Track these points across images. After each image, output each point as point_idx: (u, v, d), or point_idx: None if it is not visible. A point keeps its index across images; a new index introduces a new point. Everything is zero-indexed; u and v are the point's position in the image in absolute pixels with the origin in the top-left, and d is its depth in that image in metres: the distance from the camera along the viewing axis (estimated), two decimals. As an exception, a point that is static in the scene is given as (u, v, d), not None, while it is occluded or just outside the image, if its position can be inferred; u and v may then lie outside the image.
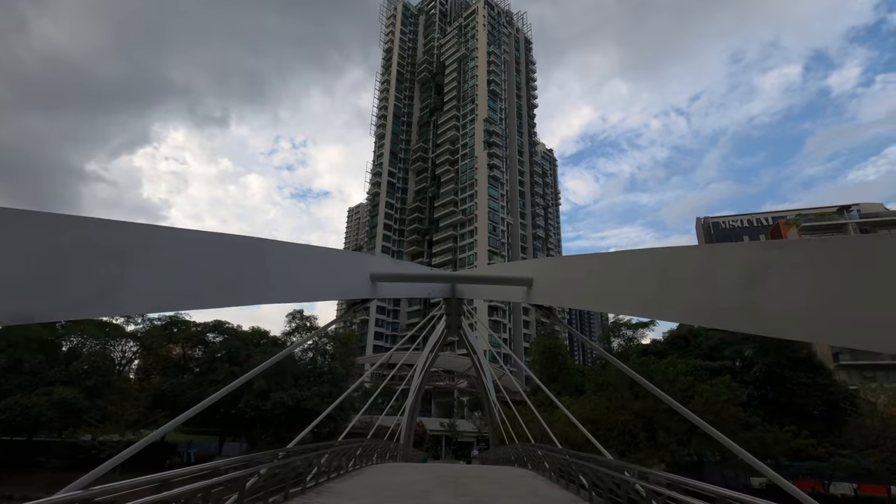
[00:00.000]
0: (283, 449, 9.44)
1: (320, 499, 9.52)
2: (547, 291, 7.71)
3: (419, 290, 10.87)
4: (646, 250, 5.20)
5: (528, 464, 20.60)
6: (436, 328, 30.51)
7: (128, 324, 43.87)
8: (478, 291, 11.78)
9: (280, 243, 5.95)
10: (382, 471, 16.61)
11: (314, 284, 6.66)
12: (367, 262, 8.65)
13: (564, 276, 7.31)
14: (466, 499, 10.01)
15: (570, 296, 7.01)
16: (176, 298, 4.96)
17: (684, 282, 4.38)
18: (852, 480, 32.71)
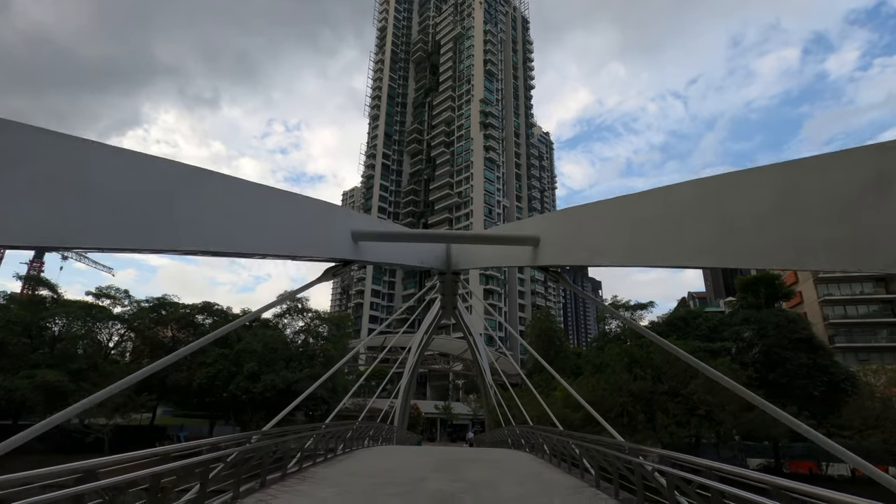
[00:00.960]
0: (258, 431, 8.51)
1: (301, 486, 8.61)
2: (557, 250, 6.73)
3: (409, 255, 9.83)
4: (693, 182, 4.20)
5: (525, 446, 19.90)
6: (431, 309, 29.60)
7: (114, 306, 42.78)
8: (476, 257, 10.77)
9: (235, 179, 4.93)
10: (374, 454, 15.79)
11: (282, 237, 5.63)
12: (350, 218, 7.59)
13: (579, 229, 6.32)
14: (463, 485, 9.15)
15: (587, 251, 6.02)
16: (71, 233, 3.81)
17: (754, 215, 3.39)
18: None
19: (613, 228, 5.46)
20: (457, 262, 11.93)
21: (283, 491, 8.00)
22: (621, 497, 8.24)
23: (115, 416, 34.37)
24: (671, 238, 4.43)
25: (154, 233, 4.01)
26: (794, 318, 35.73)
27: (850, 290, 66.98)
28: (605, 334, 41.72)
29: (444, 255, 12.11)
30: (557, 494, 8.46)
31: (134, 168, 3.94)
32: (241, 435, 7.79)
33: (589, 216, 6.16)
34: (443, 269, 11.99)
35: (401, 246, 9.54)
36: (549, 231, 7.12)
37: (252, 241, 5.05)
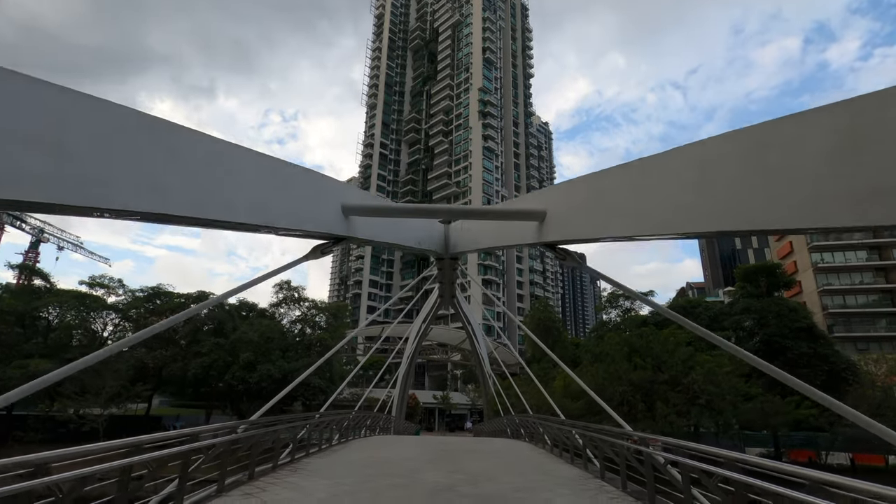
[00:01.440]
0: (245, 421, 8.06)
1: (292, 478, 8.18)
2: (566, 224, 6.20)
3: (406, 235, 9.26)
4: (728, 135, 3.68)
5: (525, 436, 19.56)
6: (429, 298, 29.16)
7: (108, 295, 42.22)
8: (476, 238, 10.21)
9: (202, 134, 4.38)
10: (370, 445, 15.40)
11: (259, 205, 5.04)
12: (340, 191, 7.01)
13: (591, 199, 5.77)
14: (461, 477, 8.73)
15: (600, 223, 5.46)
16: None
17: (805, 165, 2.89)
18: (847, 450, 32.39)
19: (632, 195, 4.93)
20: (455, 245, 11.37)
21: (272, 483, 7.57)
22: (629, 489, 7.83)
23: (110, 406, 33.95)
24: (706, 202, 3.92)
25: (104, 189, 3.46)
26: (794, 308, 35.42)
27: (849, 279, 66.82)
28: (604, 324, 41.40)
29: (441, 238, 11.56)
30: (561, 486, 8.04)
31: (81, 111, 3.41)
32: (227, 424, 7.33)
33: (602, 184, 5.60)
34: (441, 252, 11.46)
35: (396, 225, 9.00)
36: (556, 204, 6.57)
37: (221, 207, 4.47)
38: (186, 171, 4.13)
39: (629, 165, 5.17)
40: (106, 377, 34.19)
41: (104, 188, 3.41)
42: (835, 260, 68.08)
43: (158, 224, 4.21)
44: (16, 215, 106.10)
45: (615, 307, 42.10)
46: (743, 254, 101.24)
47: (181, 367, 35.57)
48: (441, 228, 11.75)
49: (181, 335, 39.12)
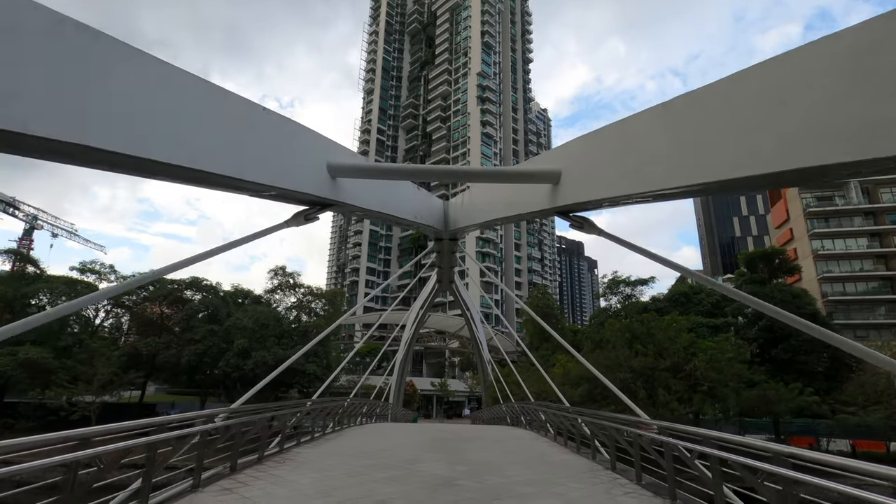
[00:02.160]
0: (225, 409, 7.38)
1: (279, 470, 7.54)
2: (585, 183, 5.44)
3: (402, 206, 8.43)
4: (763, 65, 2.97)
5: (525, 423, 19.04)
6: (427, 283, 28.51)
7: (100, 281, 41.42)
8: (478, 211, 9.36)
9: (157, 60, 3.61)
10: (366, 433, 14.81)
11: (219, 149, 4.31)
12: (325, 148, 6.16)
13: (616, 150, 4.97)
14: (462, 469, 8.10)
15: (630, 176, 4.64)
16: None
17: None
18: (848, 437, 32.15)
19: (671, 139, 4.17)
20: (455, 221, 10.59)
21: (256, 477, 6.92)
22: (644, 481, 7.22)
23: (102, 393, 33.38)
24: (746, 139, 3.24)
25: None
26: (798, 294, 34.92)
27: (849, 266, 66.50)
28: (604, 310, 40.89)
29: (441, 214, 10.78)
30: (571, 479, 7.42)
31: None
32: (203, 413, 6.65)
33: (631, 130, 4.79)
34: (439, 229, 10.69)
35: (392, 194, 8.19)
36: (573, 161, 5.79)
37: (166, 146, 3.67)
38: (115, 95, 3.34)
39: (656, 109, 4.36)
40: (97, 365, 33.59)
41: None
42: (835, 247, 67.66)
43: (76, 164, 3.38)
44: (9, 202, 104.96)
45: (616, 294, 41.58)
46: (742, 241, 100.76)
47: (175, 354, 34.94)
48: (440, 204, 11.00)
49: (174, 322, 38.46)
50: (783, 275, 40.00)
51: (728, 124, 3.61)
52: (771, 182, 3.51)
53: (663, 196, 4.50)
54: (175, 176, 4.02)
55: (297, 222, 5.97)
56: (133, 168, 3.77)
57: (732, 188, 3.96)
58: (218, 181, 4.34)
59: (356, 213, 7.68)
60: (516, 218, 7.87)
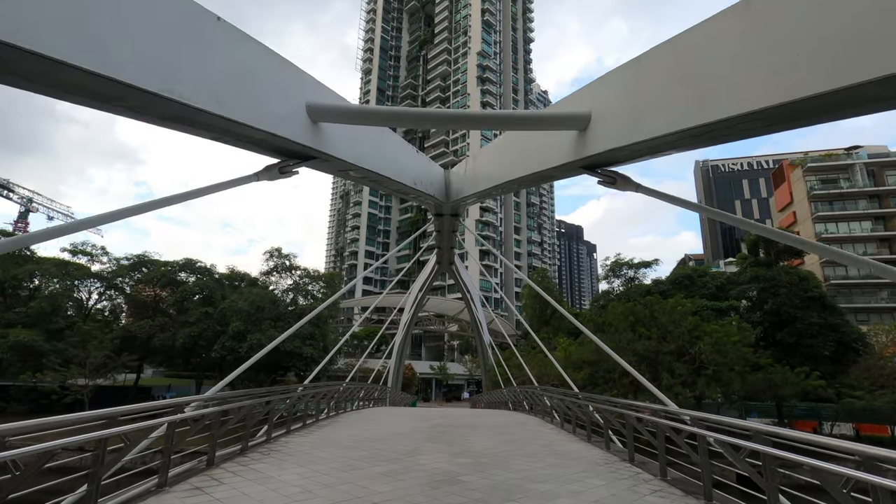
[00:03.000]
0: (200, 397, 6.59)
1: (261, 464, 6.78)
2: (623, 126, 4.48)
3: (398, 168, 7.43)
4: None
5: (527, 408, 18.41)
6: (426, 265, 27.70)
7: (92, 263, 40.55)
8: (484, 175, 8.34)
9: None
10: (363, 419, 14.11)
11: (166, 64, 3.43)
12: (304, 84, 5.07)
13: (668, 77, 4.05)
14: (466, 461, 7.36)
15: (688, 107, 3.72)
16: None
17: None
18: (851, 421, 31.78)
19: (740, 52, 3.22)
20: (459, 190, 9.62)
21: (234, 472, 6.15)
22: (670, 476, 6.48)
23: (95, 376, 32.76)
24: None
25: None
26: (805, 277, 34.17)
27: (853, 250, 65.91)
28: (606, 293, 40.19)
29: (442, 183, 9.82)
30: (587, 473, 6.67)
31: None
32: (172, 402, 5.84)
33: (689, 46, 3.82)
34: (440, 200, 9.77)
35: (387, 152, 7.27)
36: (606, 100, 4.81)
37: (82, 48, 2.79)
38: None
39: (744, 4, 3.41)
40: (90, 348, 32.91)
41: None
42: (839, 231, 67.08)
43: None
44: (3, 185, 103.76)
45: (618, 276, 40.83)
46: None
47: (169, 336, 34.26)
48: (441, 174, 10.09)
49: (169, 304, 37.70)
50: (789, 257, 39.22)
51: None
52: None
53: (728, 134, 3.58)
54: (86, 88, 3.06)
55: (270, 176, 5.06)
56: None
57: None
58: (156, 106, 3.42)
59: (345, 173, 6.72)
60: (531, 180, 6.89)
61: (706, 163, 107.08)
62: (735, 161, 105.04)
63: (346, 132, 5.79)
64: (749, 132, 3.68)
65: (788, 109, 3.09)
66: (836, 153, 72.40)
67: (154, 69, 3.25)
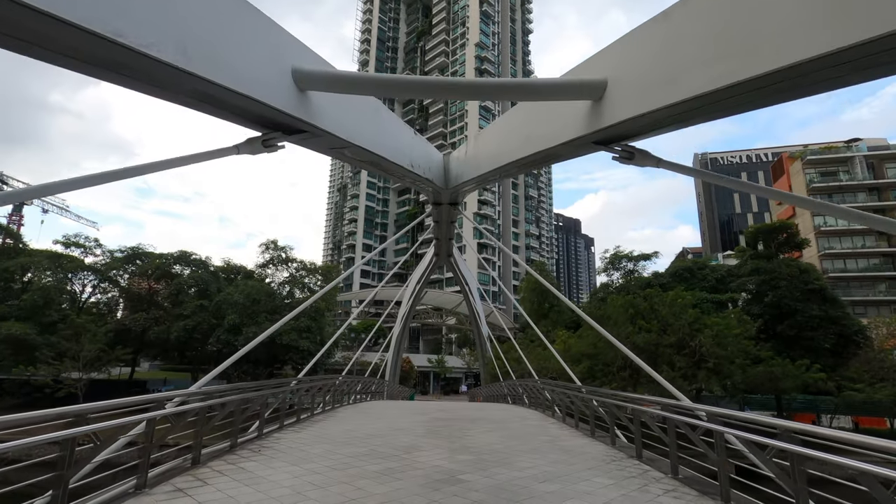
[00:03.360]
0: (182, 392, 6.21)
1: (250, 462, 6.42)
2: (645, 91, 4.04)
3: (394, 145, 6.87)
4: None
5: (528, 402, 18.12)
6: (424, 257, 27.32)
7: (85, 255, 40.01)
8: (489, 153, 7.88)
9: None
10: (359, 413, 13.77)
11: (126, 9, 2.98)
12: (291, 48, 4.75)
13: (701, 29, 3.61)
14: (466, 458, 7.02)
15: (733, 57, 3.39)
16: None
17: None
18: (851, 414, 31.71)
19: None
20: (459, 175, 9.15)
21: (220, 472, 5.79)
22: (681, 475, 6.15)
23: (89, 370, 32.37)
24: None
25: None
26: (806, 269, 33.93)
27: (851, 243, 65.89)
28: (606, 286, 39.92)
29: (440, 168, 9.36)
30: (594, 471, 6.34)
31: None
32: (151, 398, 5.46)
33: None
34: (439, 187, 9.35)
35: (385, 130, 6.83)
36: (625, 64, 4.34)
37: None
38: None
39: None
40: (84, 341, 32.48)
41: None
42: (837, 224, 66.93)
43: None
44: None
45: (617, 269, 40.52)
46: (742, 218, 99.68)
47: (164, 329, 33.85)
48: (440, 159, 9.66)
49: (164, 297, 37.26)
50: (790, 250, 38.98)
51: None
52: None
53: (775, 85, 3.09)
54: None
55: (252, 149, 4.63)
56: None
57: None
58: (101, 53, 2.93)
59: (339, 152, 6.25)
60: (538, 159, 6.38)
61: (705, 155, 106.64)
62: (734, 154, 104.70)
63: (338, 105, 5.34)
64: (817, 85, 3.20)
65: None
66: (835, 146, 72.11)
67: (98, 4, 2.78)
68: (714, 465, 5.23)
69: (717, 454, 5.11)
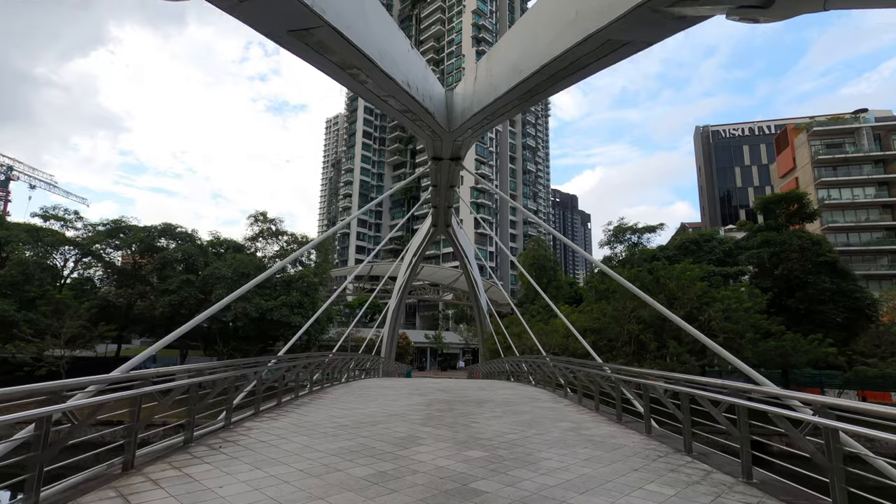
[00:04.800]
0: (97, 379, 4.73)
1: (205, 463, 5.02)
2: None
3: (385, 52, 5.32)
4: None
5: (532, 380, 16.91)
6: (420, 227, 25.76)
7: (66, 228, 38.16)
8: (518, 58, 6.26)
9: None
10: (351, 393, 12.43)
11: None
12: None
13: None
14: (477, 454, 5.63)
15: None
16: None
17: None
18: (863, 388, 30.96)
19: None
20: (466, 109, 7.42)
21: (156, 482, 4.35)
22: (757, 478, 4.79)
23: (72, 347, 30.98)
24: None
25: None
26: (818, 241, 32.62)
27: (855, 217, 64.89)
28: (609, 259, 38.57)
29: (442, 103, 7.71)
30: (644, 474, 4.97)
31: None
32: (84, 380, 3.99)
33: None
34: (440, 127, 7.73)
35: (374, 27, 5.26)
36: None
37: None
38: None
39: None
40: (65, 318, 30.98)
41: None
42: (842, 197, 65.73)
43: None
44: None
45: (621, 241, 39.12)
46: (743, 192, 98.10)
47: (149, 305, 32.38)
48: (441, 92, 8.02)
49: (149, 272, 35.63)
50: (800, 221, 37.62)
51: None
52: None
53: None
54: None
55: None
56: None
57: None
58: None
59: (300, 34, 4.59)
60: (583, 56, 4.67)
61: (707, 128, 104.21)
62: (736, 126, 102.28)
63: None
64: None
65: None
66: (842, 117, 70.22)
67: None
68: (826, 472, 3.83)
69: (833, 461, 3.71)
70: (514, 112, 7.15)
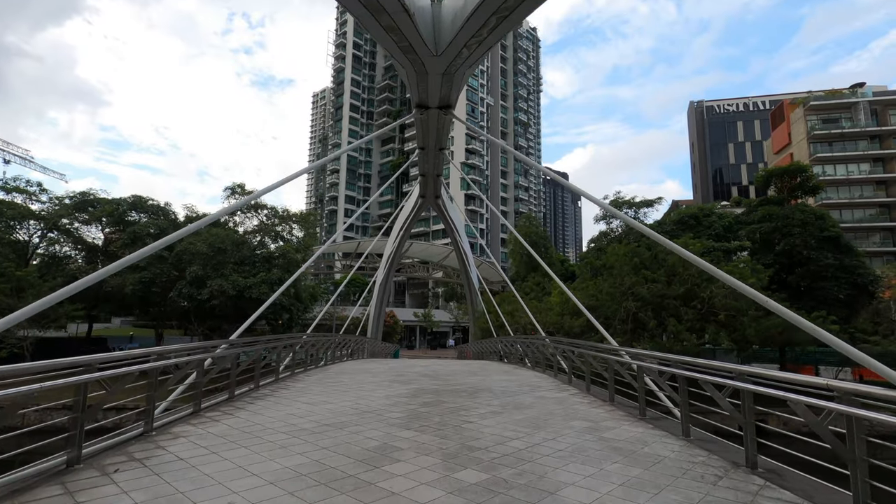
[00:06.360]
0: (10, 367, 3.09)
1: (92, 493, 3.41)
2: None
3: None
4: None
5: (527, 362, 15.52)
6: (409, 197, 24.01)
7: (31, 201, 35.73)
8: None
9: None
10: (323, 382, 10.88)
11: None
12: None
13: None
14: (473, 478, 4.09)
15: None
16: None
17: None
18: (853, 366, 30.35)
19: None
20: (455, 19, 5.54)
21: None
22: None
23: (34, 327, 29.13)
24: None
25: None
26: (822, 215, 31.47)
27: (849, 193, 64.40)
28: (605, 234, 37.22)
29: (428, 14, 6.01)
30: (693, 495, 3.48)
31: None
32: None
33: None
34: (425, 46, 6.01)
35: None
36: None
37: None
38: None
39: None
40: (28, 296, 28.96)
41: None
42: (836, 173, 65.05)
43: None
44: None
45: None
46: (735, 169, 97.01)
47: (119, 282, 30.43)
48: (428, 7, 6.27)
49: (118, 247, 33.51)
50: (802, 195, 36.45)
51: None
52: None
53: None
54: None
55: None
56: None
57: None
58: None
59: None
60: None
61: (701, 103, 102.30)
62: (730, 102, 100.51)
63: None
64: None
65: None
66: (840, 91, 68.85)
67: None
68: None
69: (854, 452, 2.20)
70: (515, 16, 5.40)
